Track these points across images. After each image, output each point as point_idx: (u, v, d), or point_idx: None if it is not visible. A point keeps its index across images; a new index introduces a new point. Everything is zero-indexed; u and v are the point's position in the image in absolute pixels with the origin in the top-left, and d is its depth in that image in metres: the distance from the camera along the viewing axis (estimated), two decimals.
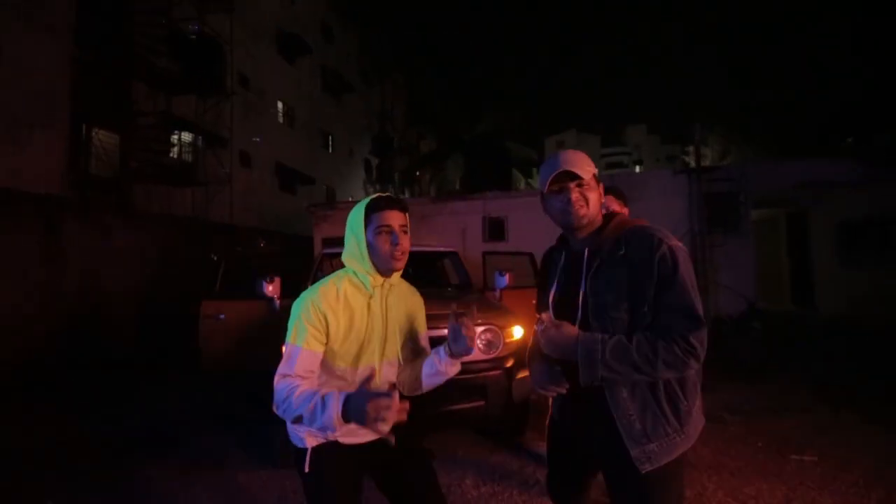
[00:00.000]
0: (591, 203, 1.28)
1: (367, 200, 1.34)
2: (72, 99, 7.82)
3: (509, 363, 2.97)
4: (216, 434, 3.75)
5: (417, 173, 21.07)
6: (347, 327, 1.30)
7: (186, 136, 10.71)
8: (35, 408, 4.66)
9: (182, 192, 10.24)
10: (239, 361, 4.31)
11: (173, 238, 8.45)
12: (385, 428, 1.07)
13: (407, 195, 20.82)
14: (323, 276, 1.50)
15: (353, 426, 1.15)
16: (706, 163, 8.91)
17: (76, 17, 7.91)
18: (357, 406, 1.09)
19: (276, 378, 1.25)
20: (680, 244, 1.21)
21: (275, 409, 1.23)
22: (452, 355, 1.33)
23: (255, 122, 13.20)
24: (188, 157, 10.69)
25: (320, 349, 1.28)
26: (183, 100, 10.16)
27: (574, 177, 1.25)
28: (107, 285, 7.09)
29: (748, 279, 8.63)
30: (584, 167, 1.26)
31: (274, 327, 2.60)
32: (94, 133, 8.29)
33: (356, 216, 1.35)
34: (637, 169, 48.10)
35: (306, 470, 1.31)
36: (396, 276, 1.40)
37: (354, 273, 1.36)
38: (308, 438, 1.32)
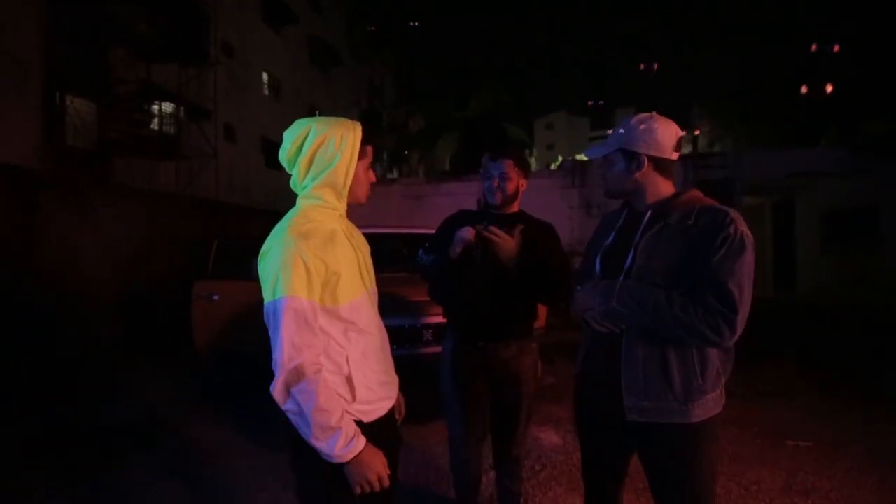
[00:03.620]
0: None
1: (357, 127, 1.17)
2: (45, 66, 7.36)
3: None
4: (210, 421, 3.62)
5: (406, 152, 20.70)
6: (336, 259, 1.11)
7: (168, 107, 10.23)
8: (14, 396, 4.38)
9: (165, 167, 9.84)
10: (234, 343, 4.19)
11: (156, 215, 8.15)
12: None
13: (396, 174, 20.50)
14: None
15: (374, 402, 1.16)
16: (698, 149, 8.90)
17: None
18: (365, 461, 1.04)
19: (294, 354, 1.00)
20: (750, 234, 1.15)
21: (290, 392, 1.00)
22: None
23: (239, 94, 12.69)
24: (170, 130, 10.24)
25: (316, 298, 1.07)
26: (164, 68, 9.65)
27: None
28: (87, 264, 6.81)
29: None
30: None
31: None
32: (69, 101, 7.84)
33: (351, 143, 1.14)
34: None
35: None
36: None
37: (317, 198, 1.16)
38: None
